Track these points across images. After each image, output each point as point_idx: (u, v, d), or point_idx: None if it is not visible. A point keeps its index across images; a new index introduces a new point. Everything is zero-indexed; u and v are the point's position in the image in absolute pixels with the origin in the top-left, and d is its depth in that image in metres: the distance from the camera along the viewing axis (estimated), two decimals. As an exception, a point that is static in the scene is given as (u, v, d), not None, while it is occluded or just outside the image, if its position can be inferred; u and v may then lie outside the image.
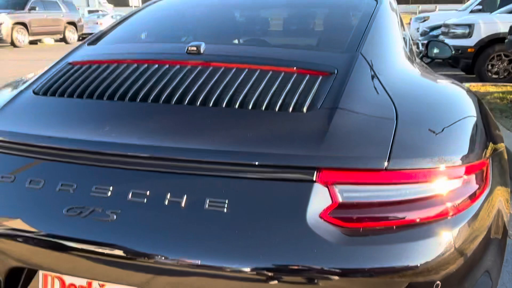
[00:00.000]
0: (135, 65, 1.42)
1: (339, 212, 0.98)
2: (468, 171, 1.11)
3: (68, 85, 1.36)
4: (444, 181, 1.06)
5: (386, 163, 1.00)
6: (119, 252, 0.97)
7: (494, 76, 7.27)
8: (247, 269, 0.92)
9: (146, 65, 1.41)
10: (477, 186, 1.13)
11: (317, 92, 1.24)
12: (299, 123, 1.12)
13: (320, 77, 1.31)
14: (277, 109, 1.18)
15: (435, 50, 2.94)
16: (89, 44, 1.71)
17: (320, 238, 0.93)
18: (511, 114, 4.90)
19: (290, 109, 1.18)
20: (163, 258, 0.94)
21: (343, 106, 1.18)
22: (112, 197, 1.01)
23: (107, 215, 1.00)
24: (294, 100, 1.20)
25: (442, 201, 1.04)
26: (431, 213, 1.01)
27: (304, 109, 1.17)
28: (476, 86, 6.81)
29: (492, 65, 7.28)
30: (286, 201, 0.97)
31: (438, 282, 0.96)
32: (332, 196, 0.98)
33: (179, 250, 0.95)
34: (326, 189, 0.99)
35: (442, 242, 1.00)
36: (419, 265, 0.95)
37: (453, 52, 3.09)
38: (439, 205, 1.03)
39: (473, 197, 1.10)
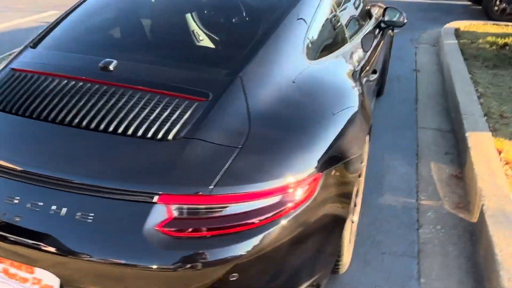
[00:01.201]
0: (50, 79, 1.72)
1: (171, 224, 1.36)
2: (284, 189, 1.45)
3: None
4: (262, 200, 1.42)
5: (210, 189, 1.36)
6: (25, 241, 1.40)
7: (500, 14, 7.09)
8: (94, 258, 1.33)
9: (57, 80, 1.71)
10: (296, 199, 1.48)
11: (185, 119, 1.54)
12: (154, 150, 1.46)
13: (196, 103, 1.60)
14: (139, 135, 1.49)
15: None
16: (31, 47, 2.01)
17: (151, 243, 1.33)
18: (492, 64, 4.94)
19: (151, 136, 1.48)
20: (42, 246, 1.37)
21: (199, 135, 1.50)
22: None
23: (15, 217, 1.41)
24: (157, 128, 1.50)
25: (256, 214, 1.41)
26: (246, 224, 1.39)
27: (169, 137, 1.48)
28: (477, 25, 6.68)
29: (500, 1, 7.07)
30: (132, 215, 1.36)
31: (235, 274, 1.36)
32: (168, 212, 1.36)
33: (55, 242, 1.36)
34: (165, 207, 1.36)
35: (251, 245, 1.38)
36: (229, 267, 1.35)
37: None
38: (252, 218, 1.40)
39: (284, 211, 1.45)
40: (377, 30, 3.31)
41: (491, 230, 2.30)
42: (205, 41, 1.99)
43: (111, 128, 1.52)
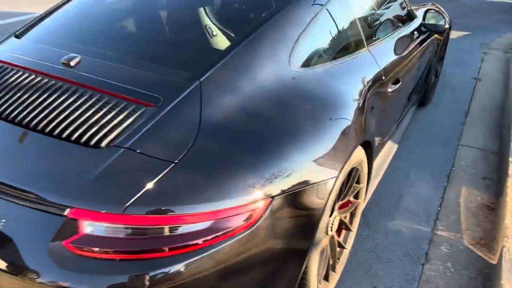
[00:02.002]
0: (9, 69, 1.67)
1: (79, 242, 1.24)
2: (214, 215, 1.28)
3: None
4: (185, 225, 1.26)
5: (123, 208, 1.22)
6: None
7: None
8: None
9: (15, 71, 1.65)
10: (230, 227, 1.30)
11: (126, 126, 1.40)
12: (82, 158, 1.33)
13: (143, 109, 1.46)
14: (73, 139, 1.38)
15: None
16: (16, 36, 1.99)
17: (54, 259, 1.22)
18: None
19: (84, 141, 1.37)
20: None
21: (133, 145, 1.35)
22: None
23: None
24: (93, 133, 1.38)
25: (174, 241, 1.25)
26: (158, 251, 1.24)
27: (103, 144, 1.35)
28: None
29: None
30: (43, 226, 1.26)
31: None
32: (79, 228, 1.25)
33: None
34: (76, 222, 1.25)
35: (162, 277, 1.24)
36: None
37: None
38: (167, 245, 1.25)
39: (212, 239, 1.28)
40: (417, 34, 2.97)
41: (504, 277, 1.97)
42: (177, 42, 1.84)
43: (46, 128, 1.44)
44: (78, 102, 1.51)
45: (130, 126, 1.42)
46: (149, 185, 1.27)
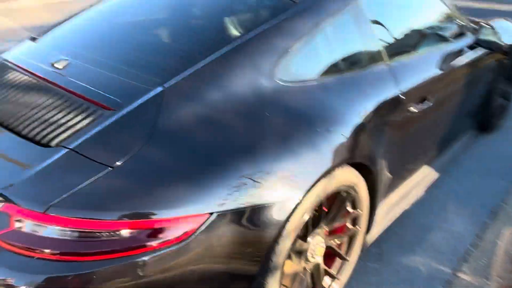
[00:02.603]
0: (14, 72, 1.79)
1: (9, 236, 1.27)
2: (136, 225, 1.24)
3: None
4: (105, 231, 1.24)
5: (46, 207, 1.23)
6: None
7: None
8: None
9: (12, 71, 1.77)
10: (154, 239, 1.26)
11: (81, 127, 1.42)
12: (31, 155, 1.38)
13: (100, 111, 1.46)
14: (30, 136, 1.42)
15: None
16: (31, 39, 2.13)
17: None
18: None
19: (39, 139, 1.41)
20: None
21: (78, 147, 1.36)
22: None
23: None
24: (49, 131, 1.42)
25: (92, 247, 1.23)
26: (76, 255, 1.23)
27: (53, 143, 1.39)
28: None
29: None
30: None
31: None
32: (10, 223, 1.28)
33: None
34: (7, 216, 1.28)
35: (79, 279, 1.22)
36: None
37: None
38: (84, 249, 1.23)
39: (133, 249, 1.24)
40: (469, 51, 2.67)
41: None
42: (157, 48, 1.81)
43: (7, 122, 1.51)
44: (46, 101, 1.57)
45: (84, 127, 1.43)
46: (78, 188, 1.26)
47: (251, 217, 1.40)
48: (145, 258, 1.25)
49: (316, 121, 1.64)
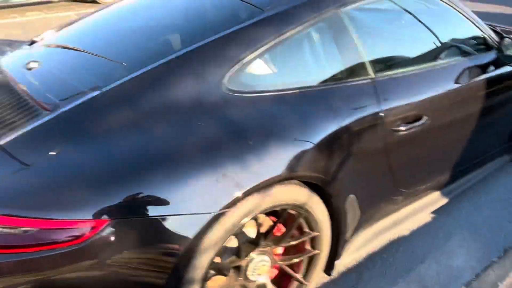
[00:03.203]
0: None
1: None
2: (37, 224, 1.27)
3: None
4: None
5: None
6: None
7: None
8: None
9: None
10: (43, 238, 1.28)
11: (19, 125, 1.50)
12: None
13: (40, 112, 1.51)
14: None
15: None
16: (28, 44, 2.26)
17: None
18: None
19: None
20: None
21: (7, 144, 1.40)
22: None
23: None
24: None
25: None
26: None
27: None
28: None
29: None
30: None
31: None
32: None
33: None
34: None
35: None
36: None
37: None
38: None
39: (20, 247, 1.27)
40: (489, 68, 2.39)
41: None
42: (111, 52, 1.81)
43: None
44: (7, 101, 1.66)
45: (20, 125, 1.50)
46: None
47: (156, 227, 1.37)
48: (39, 256, 1.28)
49: (254, 134, 1.57)
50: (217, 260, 1.60)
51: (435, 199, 2.44)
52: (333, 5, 1.90)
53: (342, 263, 2.01)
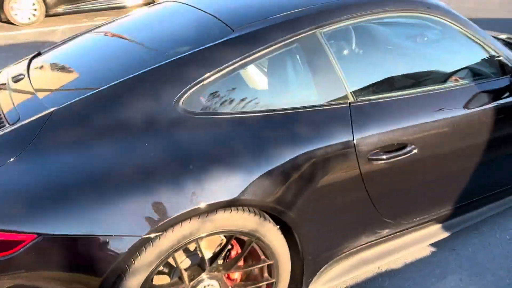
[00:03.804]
0: None
1: None
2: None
3: None
4: None
5: None
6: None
7: None
8: None
9: None
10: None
11: None
12: None
13: (2, 124, 1.61)
14: None
15: None
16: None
17: None
18: None
19: None
20: None
21: None
22: None
23: None
24: None
25: None
26: None
27: None
28: None
29: None
30: None
31: None
32: None
33: None
34: None
35: None
36: None
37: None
38: None
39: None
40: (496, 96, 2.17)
41: None
42: (80, 71, 1.89)
43: None
44: None
45: None
46: None
47: (85, 245, 1.41)
48: None
49: (199, 157, 1.56)
50: (158, 281, 1.61)
51: (434, 232, 2.27)
52: (309, 26, 1.83)
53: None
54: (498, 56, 2.19)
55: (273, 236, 1.70)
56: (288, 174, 1.67)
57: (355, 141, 1.79)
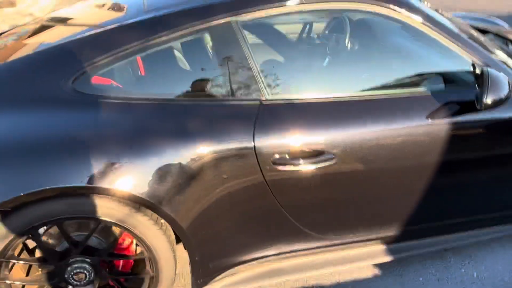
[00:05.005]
0: None
1: None
2: None
3: None
4: None
5: None
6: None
7: None
8: None
9: None
10: None
11: None
12: None
13: None
14: None
15: None
16: None
17: None
18: None
19: None
20: None
21: None
22: None
23: None
24: None
25: None
26: None
27: None
28: None
29: None
30: None
31: None
32: None
33: None
34: None
35: None
36: None
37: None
38: None
39: None
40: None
41: None
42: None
43: None
44: None
45: None
46: None
47: None
48: None
49: (72, 139, 1.53)
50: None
51: (374, 253, 2.03)
52: (224, 14, 1.70)
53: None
54: (468, 61, 1.84)
55: (146, 229, 1.63)
56: (170, 170, 1.59)
57: (255, 142, 1.65)
